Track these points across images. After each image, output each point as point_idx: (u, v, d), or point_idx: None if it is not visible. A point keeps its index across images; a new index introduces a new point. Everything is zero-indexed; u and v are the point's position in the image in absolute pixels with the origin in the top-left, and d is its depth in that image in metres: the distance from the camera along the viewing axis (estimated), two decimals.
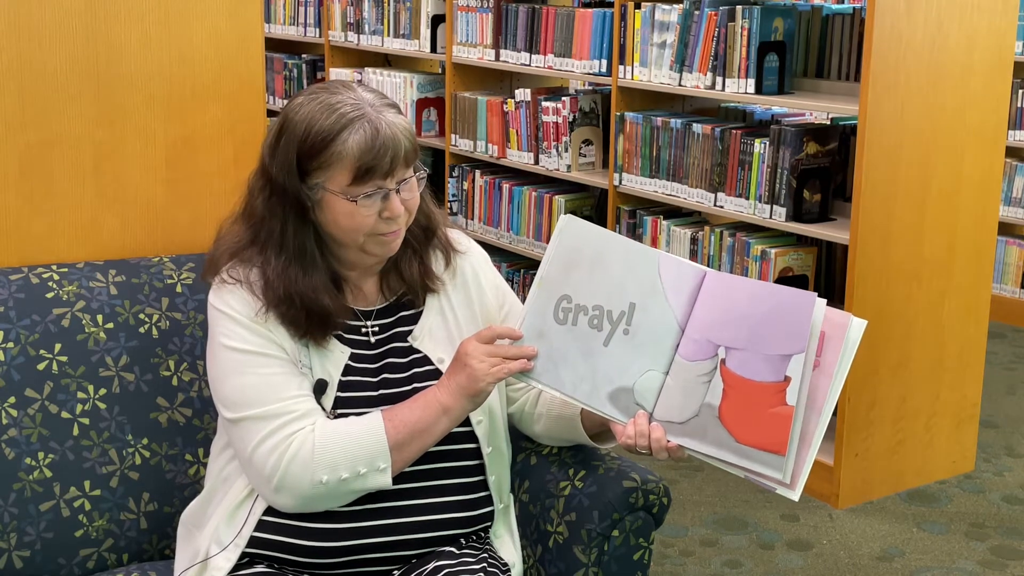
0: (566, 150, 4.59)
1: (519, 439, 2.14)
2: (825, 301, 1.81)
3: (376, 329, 1.98)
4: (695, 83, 3.99)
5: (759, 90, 3.79)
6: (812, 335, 1.78)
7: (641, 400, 1.85)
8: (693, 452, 1.83)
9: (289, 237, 1.89)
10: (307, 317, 1.89)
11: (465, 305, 2.04)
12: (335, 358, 1.93)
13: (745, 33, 3.79)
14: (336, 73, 5.89)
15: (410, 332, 2.00)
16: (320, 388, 1.91)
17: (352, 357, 1.95)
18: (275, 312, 1.89)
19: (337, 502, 1.87)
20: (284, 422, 1.85)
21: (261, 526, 1.90)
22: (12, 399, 2.07)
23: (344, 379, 1.93)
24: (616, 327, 1.86)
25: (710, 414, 1.81)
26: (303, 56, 6.36)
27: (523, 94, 4.76)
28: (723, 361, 1.81)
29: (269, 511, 1.90)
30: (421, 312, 2.01)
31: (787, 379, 1.77)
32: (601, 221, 4.60)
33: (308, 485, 1.84)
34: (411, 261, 1.99)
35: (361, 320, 1.98)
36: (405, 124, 1.89)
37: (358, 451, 1.84)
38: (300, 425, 1.86)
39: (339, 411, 1.90)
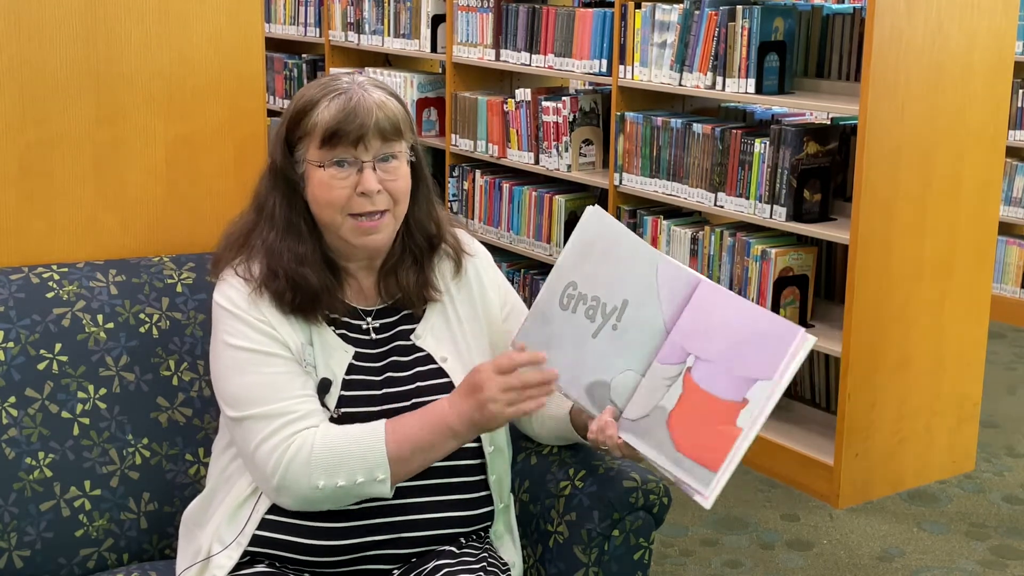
0: (566, 150, 4.59)
1: (519, 438, 2.14)
2: (814, 340, 1.77)
3: (377, 327, 1.98)
4: (695, 83, 3.99)
5: (759, 90, 3.79)
6: (786, 369, 1.75)
7: (615, 397, 1.86)
8: (637, 450, 1.83)
9: (280, 213, 1.92)
10: (292, 291, 1.90)
11: (468, 304, 2.04)
12: (339, 357, 1.93)
13: (745, 33, 3.79)
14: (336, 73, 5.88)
15: (413, 331, 2.00)
16: (324, 387, 1.90)
17: (356, 356, 1.94)
18: (267, 292, 1.90)
19: (338, 505, 1.87)
20: (285, 422, 1.85)
21: (263, 525, 1.90)
22: (12, 399, 2.07)
23: (348, 378, 1.93)
24: (607, 321, 1.86)
25: (660, 416, 1.81)
26: (303, 56, 6.36)
27: (523, 94, 4.76)
28: (689, 369, 1.80)
29: (272, 510, 1.90)
30: (424, 310, 2.01)
31: (744, 401, 1.76)
32: None
33: (306, 489, 1.84)
34: (409, 270, 1.99)
35: (363, 319, 1.98)
36: (389, 102, 1.90)
37: (356, 461, 1.83)
38: (302, 425, 1.85)
39: (343, 410, 1.90)
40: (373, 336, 1.98)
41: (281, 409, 1.85)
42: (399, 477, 1.87)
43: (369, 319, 1.98)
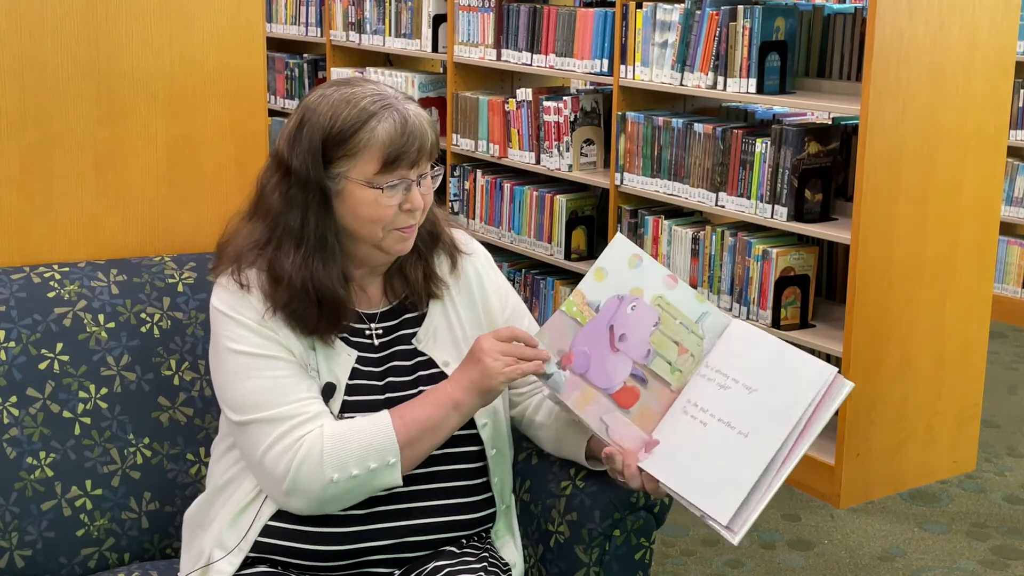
0: (567, 150, 4.59)
1: (520, 439, 2.14)
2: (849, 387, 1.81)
3: (380, 331, 1.98)
4: (696, 83, 3.99)
5: (760, 90, 3.79)
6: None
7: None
8: (659, 481, 1.83)
9: (310, 228, 1.87)
10: (319, 311, 1.87)
11: (469, 307, 2.03)
12: (342, 361, 1.92)
13: (746, 33, 3.79)
14: (337, 73, 5.89)
15: (414, 335, 1.99)
16: (328, 392, 1.90)
17: (359, 360, 1.94)
18: (283, 313, 1.87)
19: (348, 502, 1.86)
20: (294, 425, 1.84)
21: (266, 531, 1.90)
22: (14, 398, 2.07)
23: (351, 382, 1.92)
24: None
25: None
26: (304, 56, 6.36)
27: (524, 94, 4.76)
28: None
29: (275, 516, 1.89)
30: (425, 315, 2.01)
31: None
32: (603, 221, 4.60)
33: (320, 486, 1.82)
34: (416, 265, 1.98)
35: (365, 323, 1.97)
36: (428, 117, 1.90)
37: (368, 448, 1.83)
38: (310, 428, 1.84)
39: (346, 415, 1.89)
40: (376, 341, 1.97)
41: (288, 412, 1.84)
42: (409, 462, 1.86)
43: (373, 324, 1.98)
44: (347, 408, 1.90)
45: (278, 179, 1.89)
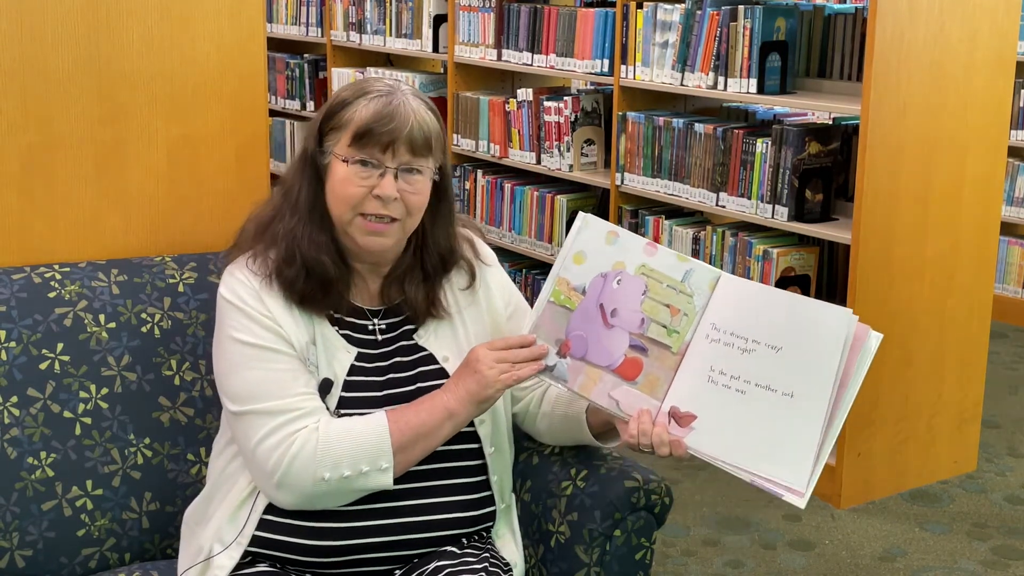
0: (568, 150, 4.59)
1: (521, 438, 2.14)
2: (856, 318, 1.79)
3: (383, 327, 1.98)
4: (697, 83, 3.99)
5: (761, 90, 3.79)
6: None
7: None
8: (701, 453, 1.82)
9: (304, 197, 1.92)
10: (307, 278, 1.89)
11: (472, 304, 2.04)
12: (341, 358, 1.93)
13: (747, 33, 3.79)
14: (338, 73, 5.89)
15: (415, 330, 2.00)
16: (325, 387, 1.90)
17: (358, 357, 1.94)
18: (278, 281, 1.90)
19: (338, 501, 1.87)
20: (289, 419, 1.85)
21: (263, 525, 1.90)
22: (14, 398, 2.07)
23: (349, 379, 1.93)
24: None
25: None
26: (305, 56, 6.36)
27: (525, 94, 4.77)
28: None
29: (271, 510, 1.90)
30: None
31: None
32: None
33: (310, 483, 1.84)
34: (419, 287, 1.98)
35: (368, 319, 1.98)
36: (427, 115, 1.90)
37: (361, 450, 1.84)
38: (304, 423, 1.85)
39: (343, 411, 1.90)
40: (379, 337, 1.97)
41: (284, 406, 1.85)
42: (402, 467, 1.87)
43: (376, 319, 1.98)
44: (344, 405, 1.91)
45: (298, 154, 1.97)
